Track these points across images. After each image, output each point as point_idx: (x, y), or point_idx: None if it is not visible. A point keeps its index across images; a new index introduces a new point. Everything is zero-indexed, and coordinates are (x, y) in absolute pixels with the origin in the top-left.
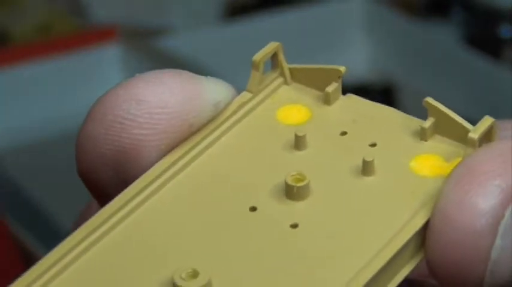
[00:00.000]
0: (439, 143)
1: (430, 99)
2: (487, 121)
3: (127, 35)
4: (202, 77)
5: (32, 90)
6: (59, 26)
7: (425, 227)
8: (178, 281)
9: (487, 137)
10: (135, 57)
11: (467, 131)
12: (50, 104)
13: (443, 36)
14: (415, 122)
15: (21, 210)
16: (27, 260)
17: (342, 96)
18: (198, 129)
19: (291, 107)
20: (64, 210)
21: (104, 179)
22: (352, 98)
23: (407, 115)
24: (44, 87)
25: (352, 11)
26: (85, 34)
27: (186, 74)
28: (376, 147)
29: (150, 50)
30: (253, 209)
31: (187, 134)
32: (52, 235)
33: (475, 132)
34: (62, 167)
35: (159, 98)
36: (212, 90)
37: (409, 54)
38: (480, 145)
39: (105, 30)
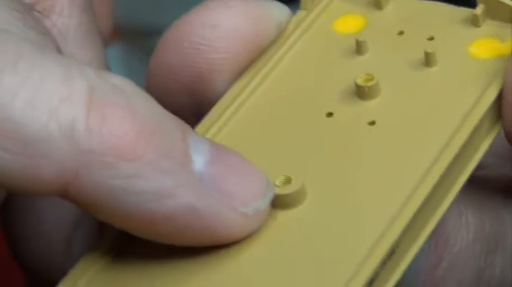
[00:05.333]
0: (492, 27)
1: None
2: None
3: (127, 35)
4: (265, 0)
5: None
6: None
7: (499, 101)
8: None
9: None
10: (135, 57)
11: None
12: None
13: None
14: (466, 12)
15: None
16: None
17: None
18: (264, 50)
19: (346, 17)
20: None
21: (177, 104)
22: None
23: (457, 7)
24: None
25: None
26: None
27: None
28: (434, 40)
29: (150, 50)
30: (329, 114)
31: (257, 55)
32: None
33: None
34: None
35: (232, 21)
36: (275, 12)
37: None
38: None
39: None
